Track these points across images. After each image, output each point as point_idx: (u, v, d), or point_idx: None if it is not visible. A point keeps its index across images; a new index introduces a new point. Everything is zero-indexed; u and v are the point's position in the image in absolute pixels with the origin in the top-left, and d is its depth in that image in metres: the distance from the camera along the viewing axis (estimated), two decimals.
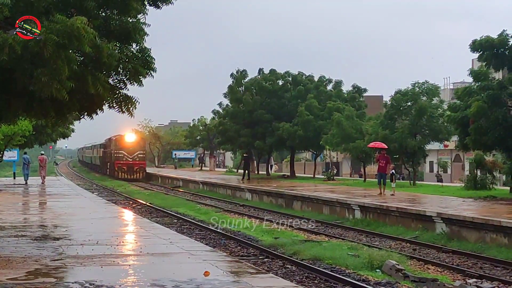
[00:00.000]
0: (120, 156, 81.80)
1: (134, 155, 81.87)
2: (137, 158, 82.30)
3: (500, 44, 36.54)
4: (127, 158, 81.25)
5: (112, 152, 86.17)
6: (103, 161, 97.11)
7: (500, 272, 19.57)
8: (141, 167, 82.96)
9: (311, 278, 17.84)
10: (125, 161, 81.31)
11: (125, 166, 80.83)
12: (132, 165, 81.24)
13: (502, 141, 36.07)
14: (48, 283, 12.71)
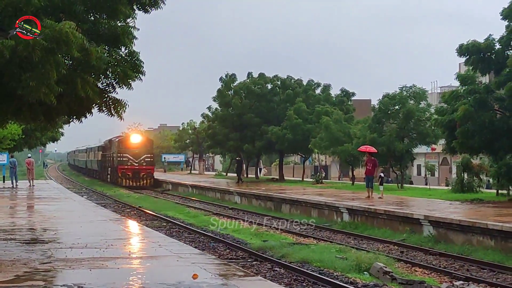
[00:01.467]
0: (124, 160, 69.22)
1: (140, 159, 69.38)
2: (143, 162, 69.59)
3: (487, 48, 36.71)
4: (132, 163, 68.73)
5: (114, 156, 73.55)
6: (102, 165, 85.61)
7: (487, 274, 19.63)
8: (149, 173, 70.01)
9: (300, 280, 17.88)
10: (130, 166, 68.82)
11: (130, 172, 68.39)
12: (138, 170, 68.76)
13: (488, 145, 36.19)
14: (36, 286, 12.69)
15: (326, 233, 29.32)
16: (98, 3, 15.11)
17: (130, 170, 68.36)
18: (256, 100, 64.82)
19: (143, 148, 70.78)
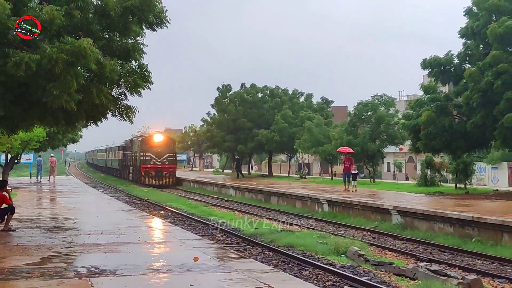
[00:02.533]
0: (147, 159, 61.20)
1: (163, 158, 61.52)
2: (166, 161, 61.73)
3: (447, 62, 36.93)
4: (155, 162, 60.75)
5: (136, 155, 65.14)
6: (123, 164, 76.55)
7: (447, 256, 19.68)
8: (171, 172, 62.25)
9: (286, 262, 17.87)
10: (153, 165, 60.68)
11: (153, 171, 60.48)
12: (161, 169, 60.83)
13: (448, 145, 36.42)
14: (59, 267, 12.68)
15: (308, 221, 29.25)
16: (112, 23, 15.10)
17: (153, 169, 60.74)
18: (248, 107, 65.04)
19: (165, 147, 63.03)
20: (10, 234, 17.94)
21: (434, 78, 38.37)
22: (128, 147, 73.01)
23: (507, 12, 33.69)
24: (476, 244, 21.35)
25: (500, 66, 31.34)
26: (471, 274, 16.29)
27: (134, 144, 68.40)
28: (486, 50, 34.13)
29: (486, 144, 38.02)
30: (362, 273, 16.19)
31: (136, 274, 12.07)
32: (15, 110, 14.67)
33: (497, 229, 21.47)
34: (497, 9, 34.30)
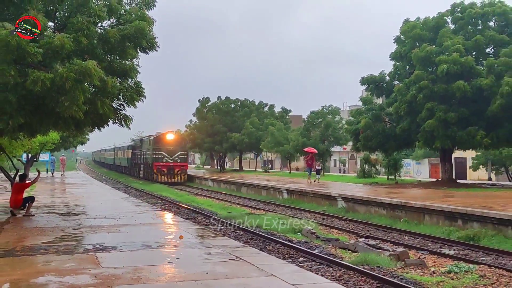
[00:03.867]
0: (159, 157, 52.97)
1: (175, 156, 53.16)
2: (178, 159, 53.36)
3: (380, 79, 37.35)
4: (167, 160, 52.68)
5: (148, 153, 56.36)
6: (133, 162, 67.23)
7: (381, 233, 19.83)
8: (183, 170, 53.69)
9: (254, 239, 17.88)
10: (165, 163, 52.62)
11: (165, 168, 52.41)
12: (173, 167, 52.56)
13: (381, 145, 36.75)
14: (70, 245, 12.59)
15: (271, 207, 29.34)
16: (112, 48, 15.01)
17: (165, 167, 52.29)
18: (223, 115, 65.51)
19: (177, 145, 54.22)
20: (30, 219, 17.76)
21: (370, 92, 38.84)
22: (138, 146, 64.52)
23: (427, 40, 34.10)
24: (403, 223, 21.60)
25: (422, 82, 31.67)
26: (400, 247, 16.44)
27: (144, 143, 60.46)
28: (411, 70, 34.47)
29: (411, 144, 38.41)
30: (314, 247, 16.25)
31: (132, 250, 12.00)
32: (34, 118, 14.56)
33: (420, 212, 21.69)
34: (419, 37, 34.68)
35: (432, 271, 13.35)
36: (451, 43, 32.05)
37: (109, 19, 15.25)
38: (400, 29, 36.44)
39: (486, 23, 34.40)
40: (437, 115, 30.95)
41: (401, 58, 36.06)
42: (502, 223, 17.76)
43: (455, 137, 31.42)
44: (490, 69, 30.75)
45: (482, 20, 34.41)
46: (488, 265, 13.67)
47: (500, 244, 16.57)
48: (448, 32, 34.02)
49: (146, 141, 59.41)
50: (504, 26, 33.74)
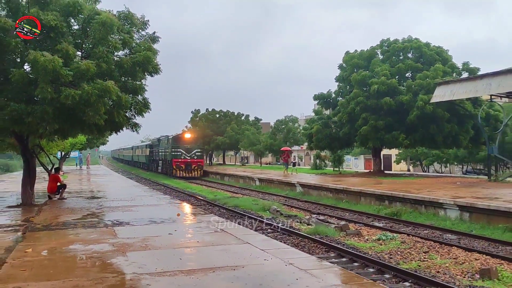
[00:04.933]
0: (178, 154, 46.70)
1: (192, 153, 46.92)
2: (195, 156, 46.97)
3: (328, 96, 37.53)
4: (185, 156, 46.44)
5: (167, 151, 49.40)
6: (150, 159, 60.49)
7: (328, 211, 19.87)
8: (199, 165, 47.32)
9: (233, 216, 17.83)
10: (183, 159, 46.39)
11: (183, 164, 46.35)
12: (190, 163, 46.47)
13: (329, 145, 36.94)
14: (94, 221, 12.44)
15: (246, 191, 29.29)
16: (126, 72, 14.87)
17: (183, 163, 46.09)
18: (210, 122, 65.05)
19: (194, 143, 47.73)
20: (63, 201, 17.52)
21: (320, 105, 39.08)
22: (155, 145, 58.09)
23: (363, 67, 34.38)
24: (345, 203, 21.67)
25: (359, 98, 31.90)
26: (342, 221, 16.53)
27: (162, 142, 53.55)
28: (350, 89, 34.68)
29: (351, 144, 38.66)
30: (279, 221, 16.25)
31: (141, 224, 11.89)
32: (66, 125, 14.37)
33: (357, 194, 21.83)
34: (357, 65, 34.94)
35: (366, 239, 13.45)
36: (380, 69, 32.37)
37: (123, 50, 15.09)
38: (342, 58, 36.69)
39: (406, 54, 34.78)
40: (370, 122, 31.23)
41: (343, 80, 36.30)
42: (417, 203, 17.98)
43: (383, 139, 31.71)
44: (409, 88, 31.11)
45: (403, 52, 34.79)
46: (407, 234, 13.81)
47: (416, 219, 16.75)
48: (378, 61, 34.33)
49: (163, 140, 52.89)
50: (419, 57, 34.15)
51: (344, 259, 10.89)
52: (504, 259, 10.69)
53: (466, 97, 25.35)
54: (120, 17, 14.97)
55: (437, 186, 22.58)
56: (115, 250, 8.76)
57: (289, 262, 7.83)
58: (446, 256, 11.05)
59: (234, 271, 7.21)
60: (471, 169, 49.73)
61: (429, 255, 11.19)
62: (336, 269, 7.89)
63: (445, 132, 30.32)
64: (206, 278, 6.83)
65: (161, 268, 7.33)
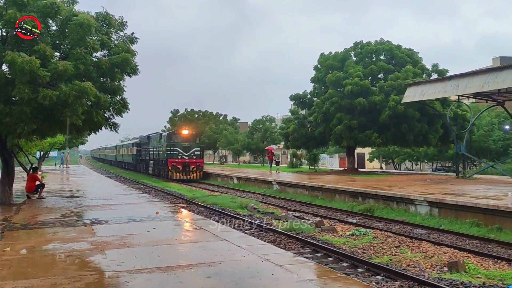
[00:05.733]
0: (174, 153, 39.04)
1: (190, 152, 39.30)
2: (193, 155, 39.48)
3: (303, 96, 37.60)
4: (182, 156, 39.01)
5: (161, 149, 41.37)
6: (138, 159, 53.09)
7: (304, 208, 19.96)
8: (198, 166, 39.54)
9: (211, 213, 17.77)
10: (180, 159, 38.89)
11: (180, 165, 38.86)
12: (188, 163, 38.93)
13: (305, 144, 37.09)
14: (72, 220, 12.26)
15: (225, 190, 29.24)
16: (104, 73, 14.72)
17: (180, 163, 38.85)
18: (189, 122, 64.63)
19: (192, 141, 40.11)
20: (42, 201, 17.23)
21: (296, 105, 39.15)
22: (144, 143, 50.91)
23: (337, 68, 34.60)
24: (320, 200, 21.83)
25: (333, 99, 32.11)
26: (317, 217, 16.62)
27: (152, 140, 46.04)
28: (325, 90, 34.89)
29: (326, 143, 38.93)
30: (256, 218, 16.27)
31: (120, 223, 11.77)
32: (44, 125, 14.14)
33: (332, 191, 21.99)
34: (331, 66, 35.16)
35: (340, 234, 13.56)
36: (354, 71, 32.65)
37: (102, 51, 14.95)
38: (318, 60, 36.87)
39: (378, 56, 35.14)
40: (344, 122, 31.47)
41: (318, 81, 36.50)
42: (389, 199, 18.20)
43: (357, 138, 32.00)
44: (381, 89, 31.46)
45: (375, 54, 35.14)
46: (379, 229, 13.97)
47: (388, 214, 16.96)
48: (351, 62, 34.62)
49: (155, 137, 45.37)
50: (390, 59, 34.56)
51: (319, 254, 10.96)
52: (471, 252, 10.91)
53: (435, 98, 25.74)
54: (98, 18, 14.82)
55: (408, 183, 22.89)
56: (93, 248, 8.66)
57: (265, 258, 7.85)
58: (417, 250, 11.21)
59: (211, 267, 7.19)
60: (440, 167, 50.53)
61: (400, 249, 11.34)
62: (311, 264, 7.94)
63: (416, 131, 30.75)
64: (184, 274, 6.81)
65: (140, 265, 7.28)
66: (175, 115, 67.28)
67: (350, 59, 35.23)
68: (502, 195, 16.27)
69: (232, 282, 6.44)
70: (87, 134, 21.92)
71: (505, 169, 29.99)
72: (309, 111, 37.46)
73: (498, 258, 10.34)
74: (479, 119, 36.28)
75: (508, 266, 9.78)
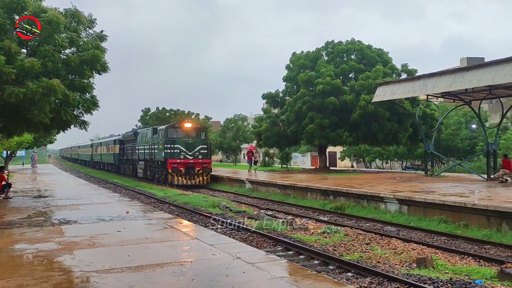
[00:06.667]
0: (175, 152, 30.96)
1: (195, 150, 31.25)
2: (199, 154, 31.38)
3: (276, 95, 37.63)
4: (185, 155, 31.02)
5: (155, 147, 33.11)
6: (122, 158, 44.11)
7: (276, 206, 20.01)
8: (205, 168, 31.18)
9: (183, 212, 17.69)
10: (183, 160, 30.76)
11: (183, 167, 30.61)
12: (193, 165, 30.97)
13: (277, 143, 37.11)
14: (40, 220, 12.00)
15: (196, 189, 29.09)
16: (73, 70, 14.52)
17: (183, 165, 30.58)
18: (161, 121, 63.88)
19: (197, 137, 31.87)
20: (8, 201, 16.82)
21: (269, 104, 39.19)
22: (129, 140, 41.43)
23: (309, 68, 34.84)
24: (292, 199, 21.88)
25: (305, 98, 32.30)
26: (289, 216, 16.69)
27: (142, 136, 37.28)
28: (297, 89, 35.06)
29: (298, 142, 39.03)
30: (228, 217, 16.25)
31: (89, 222, 11.59)
32: (11, 123, 13.90)
33: (304, 190, 22.10)
34: (303, 65, 35.36)
35: (312, 232, 13.65)
36: (325, 70, 32.91)
37: (70, 48, 14.73)
38: (290, 59, 37.02)
39: (349, 56, 35.52)
40: (316, 121, 31.69)
41: (290, 80, 36.66)
42: (360, 197, 18.41)
43: (328, 137, 32.26)
44: (352, 89, 31.80)
45: (346, 54, 35.52)
46: (350, 227, 14.11)
47: (358, 212, 17.16)
48: (323, 62, 34.90)
49: (145, 133, 36.93)
50: (361, 59, 34.97)
51: (291, 252, 11.01)
52: (438, 249, 11.13)
53: (405, 97, 26.16)
54: (67, 15, 14.58)
55: (378, 181, 23.21)
56: (61, 248, 8.50)
57: (237, 256, 7.83)
58: (386, 247, 11.37)
59: (182, 266, 7.14)
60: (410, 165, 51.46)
61: (371, 246, 11.48)
62: (282, 262, 7.96)
63: (386, 130, 31.20)
64: (154, 274, 6.74)
65: (109, 265, 7.17)
66: (146, 113, 66.45)
67: (321, 59, 35.50)
68: (468, 193, 16.66)
69: (203, 281, 6.41)
70: (56, 133, 21.58)
71: (472, 167, 30.74)
72: (281, 110, 37.56)
73: (464, 254, 10.58)
74: (447, 118, 37.06)
75: (474, 262, 10.02)
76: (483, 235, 12.46)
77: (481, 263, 9.95)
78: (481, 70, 19.99)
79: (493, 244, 11.57)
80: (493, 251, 11.07)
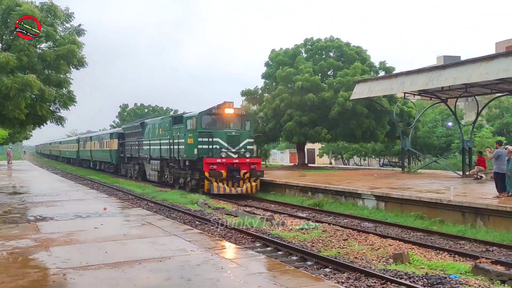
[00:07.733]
0: (215, 148, 20.85)
1: (240, 146, 21.13)
2: (245, 152, 21.16)
3: (254, 92, 37.73)
4: (227, 154, 20.75)
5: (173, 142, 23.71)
6: (124, 156, 34.34)
7: (254, 203, 19.98)
8: (254, 171, 20.99)
9: (161, 209, 17.58)
10: (225, 159, 20.57)
11: (224, 169, 20.47)
12: (238, 166, 20.77)
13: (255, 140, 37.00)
14: (16, 217, 11.83)
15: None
16: (49, 65, 14.31)
17: (224, 167, 20.82)
18: (138, 117, 63.55)
19: (241, 127, 22.18)
20: None
21: (247, 101, 39.14)
22: (132, 133, 32.78)
23: (287, 64, 34.89)
24: (272, 196, 21.88)
25: (283, 95, 32.41)
26: (268, 212, 16.75)
27: (151, 127, 28.52)
28: (276, 86, 35.15)
29: (277, 139, 39.06)
30: (206, 214, 16.22)
31: (66, 219, 11.46)
32: None
33: (283, 187, 22.17)
34: (282, 62, 35.43)
35: (290, 228, 13.71)
36: (304, 67, 33.05)
37: (47, 42, 14.51)
38: (268, 56, 37.06)
39: (328, 53, 35.75)
40: (295, 118, 31.83)
41: (269, 77, 36.73)
42: (338, 194, 18.57)
43: (307, 134, 32.44)
44: (331, 86, 32.03)
45: (325, 51, 35.73)
46: (328, 223, 14.23)
47: (336, 208, 17.30)
48: (302, 59, 35.03)
49: (157, 123, 27.75)
50: (340, 56, 35.22)
51: (269, 248, 11.06)
52: (415, 244, 11.31)
53: (382, 94, 26.44)
54: (42, 8, 14.35)
55: (356, 178, 23.43)
56: (37, 245, 8.39)
57: (215, 252, 7.85)
58: (364, 243, 11.51)
59: (160, 262, 7.13)
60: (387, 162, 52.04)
61: (348, 242, 11.61)
62: (261, 257, 8.00)
63: (364, 127, 31.51)
64: (132, 270, 6.71)
65: (86, 262, 7.12)
66: (124, 110, 66.14)
67: (300, 55, 35.63)
68: (444, 189, 16.95)
69: (181, 277, 6.41)
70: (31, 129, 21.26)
71: (448, 164, 31.27)
72: (259, 106, 37.63)
73: (440, 249, 10.78)
74: (423, 116, 37.58)
75: (449, 257, 10.21)
76: (458, 231, 12.70)
77: (456, 258, 10.15)
78: (457, 68, 20.33)
79: (468, 239, 11.80)
80: (468, 246, 11.30)
